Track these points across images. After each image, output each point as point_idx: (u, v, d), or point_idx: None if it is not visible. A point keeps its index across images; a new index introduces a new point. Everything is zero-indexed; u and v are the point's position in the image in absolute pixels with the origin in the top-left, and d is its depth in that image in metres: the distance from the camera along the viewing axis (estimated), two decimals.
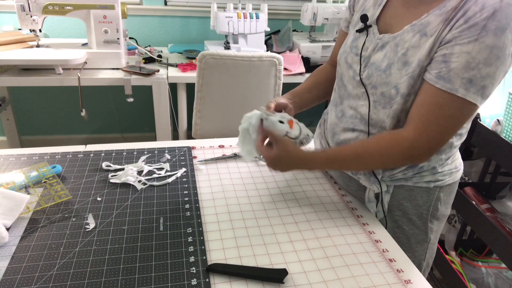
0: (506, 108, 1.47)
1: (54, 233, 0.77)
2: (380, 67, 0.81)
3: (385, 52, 0.81)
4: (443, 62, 0.72)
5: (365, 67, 0.85)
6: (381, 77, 0.81)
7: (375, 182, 0.89)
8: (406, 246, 0.93)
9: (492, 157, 1.56)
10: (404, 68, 0.77)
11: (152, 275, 0.68)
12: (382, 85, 0.81)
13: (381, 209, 0.92)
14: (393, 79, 0.79)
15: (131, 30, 2.47)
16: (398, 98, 0.79)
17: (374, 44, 0.84)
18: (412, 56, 0.76)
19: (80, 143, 1.12)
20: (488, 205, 1.60)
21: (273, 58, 1.75)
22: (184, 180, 0.96)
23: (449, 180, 0.90)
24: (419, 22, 0.77)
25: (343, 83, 0.93)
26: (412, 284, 0.71)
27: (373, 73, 0.83)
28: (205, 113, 1.83)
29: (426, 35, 0.75)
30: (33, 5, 1.74)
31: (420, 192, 0.89)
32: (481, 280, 1.66)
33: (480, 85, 0.70)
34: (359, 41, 0.88)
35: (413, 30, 0.77)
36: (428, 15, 0.76)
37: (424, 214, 0.91)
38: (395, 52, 0.79)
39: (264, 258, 0.75)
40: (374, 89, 0.84)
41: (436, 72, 0.73)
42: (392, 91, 0.80)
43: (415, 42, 0.76)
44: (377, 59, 0.83)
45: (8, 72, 1.84)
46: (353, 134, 0.90)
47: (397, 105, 0.80)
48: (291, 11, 2.67)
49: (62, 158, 1.02)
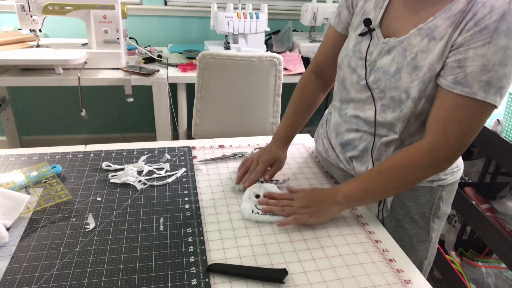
0: (506, 108, 1.46)
1: (54, 233, 0.77)
2: (388, 72, 0.81)
3: (392, 56, 0.81)
4: (459, 67, 0.72)
5: (371, 72, 0.84)
6: (390, 82, 0.80)
7: None
8: (408, 245, 0.93)
9: (492, 157, 1.56)
10: (415, 73, 0.77)
11: (152, 275, 0.68)
12: (392, 90, 0.81)
13: (384, 209, 0.92)
14: (403, 84, 0.78)
15: (131, 30, 2.47)
16: (408, 102, 0.79)
17: (379, 49, 0.83)
18: (422, 60, 0.76)
19: (80, 143, 1.12)
20: (488, 205, 1.60)
21: (273, 58, 1.75)
22: (184, 180, 0.96)
23: (451, 179, 0.90)
24: (426, 26, 0.77)
25: (345, 87, 0.93)
26: (412, 284, 0.71)
27: (381, 78, 0.82)
28: (205, 113, 1.83)
29: (435, 39, 0.75)
30: (33, 5, 1.74)
31: (423, 191, 0.89)
32: (481, 280, 1.66)
33: (498, 86, 0.70)
34: (362, 45, 0.87)
35: (421, 34, 0.77)
36: (435, 19, 0.76)
37: (426, 213, 0.91)
38: (404, 56, 0.79)
39: (264, 258, 0.75)
40: (382, 93, 0.83)
41: (453, 78, 0.72)
42: (402, 95, 0.79)
43: (423, 46, 0.76)
44: (384, 63, 0.82)
45: (8, 72, 1.84)
46: (357, 134, 0.90)
47: (407, 109, 0.80)
48: (291, 11, 2.67)
49: (62, 158, 1.02)
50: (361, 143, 0.90)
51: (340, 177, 1.01)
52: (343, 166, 0.97)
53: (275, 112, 1.88)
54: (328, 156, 1.02)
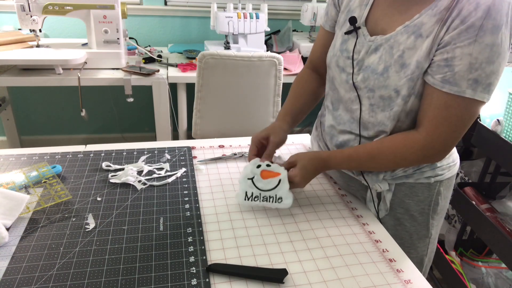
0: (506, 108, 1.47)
1: (54, 233, 0.77)
2: (376, 70, 0.81)
3: (379, 54, 0.81)
4: (446, 66, 0.72)
5: (359, 71, 0.84)
6: (378, 80, 0.81)
7: (378, 181, 0.89)
8: (408, 243, 0.94)
9: (492, 157, 1.56)
10: (402, 70, 0.77)
11: (152, 275, 0.68)
12: (381, 88, 0.81)
13: (383, 208, 0.92)
14: (392, 82, 0.79)
15: (131, 30, 2.47)
16: (398, 100, 0.79)
17: (366, 47, 0.83)
18: (409, 58, 0.76)
19: (80, 143, 1.12)
20: (488, 205, 1.60)
21: (273, 58, 1.75)
22: (184, 180, 0.96)
23: (448, 174, 0.91)
24: (412, 23, 0.77)
25: (335, 87, 0.93)
26: (412, 284, 0.71)
27: (369, 76, 0.82)
28: (205, 113, 1.83)
29: (421, 36, 0.75)
30: (33, 5, 1.74)
31: (422, 188, 0.90)
32: (481, 280, 1.66)
33: (486, 83, 0.71)
34: (349, 43, 0.86)
35: (407, 32, 0.77)
36: (421, 16, 0.76)
37: (426, 209, 0.92)
38: (391, 54, 0.79)
39: (264, 258, 0.75)
40: (371, 93, 0.83)
41: (441, 77, 0.73)
42: (392, 94, 0.80)
43: (410, 43, 0.76)
44: (371, 62, 0.82)
45: (8, 72, 1.84)
46: (351, 135, 0.90)
47: (397, 107, 0.80)
48: (291, 11, 2.67)
49: (62, 158, 1.02)
50: (356, 144, 0.90)
51: (338, 178, 1.01)
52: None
53: (275, 112, 1.88)
54: None
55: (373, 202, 0.93)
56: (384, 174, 0.89)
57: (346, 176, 0.97)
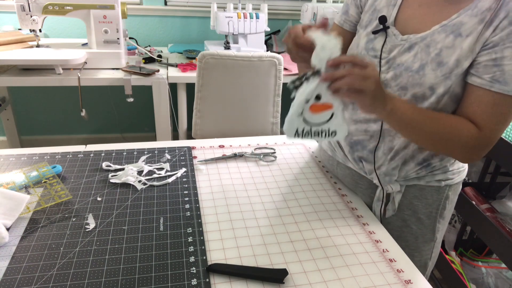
0: None
1: (54, 233, 0.77)
2: (411, 68, 0.80)
3: (414, 53, 0.80)
4: (495, 66, 0.73)
5: (389, 69, 0.84)
6: (413, 78, 0.80)
7: (390, 182, 0.89)
8: (413, 245, 0.94)
9: (492, 157, 1.56)
10: (439, 69, 0.77)
11: (152, 275, 0.68)
12: (415, 86, 0.80)
13: (391, 208, 0.92)
14: (428, 80, 0.78)
15: (131, 30, 2.47)
16: (432, 99, 0.79)
17: (398, 46, 0.83)
18: (447, 56, 0.77)
19: (80, 143, 1.12)
20: (488, 205, 1.60)
21: (273, 58, 1.75)
22: (184, 180, 0.96)
23: (458, 179, 0.92)
24: (450, 23, 0.77)
25: None
26: (412, 284, 0.71)
27: (402, 74, 0.82)
28: (205, 113, 1.83)
29: (461, 36, 0.75)
30: (33, 5, 1.74)
31: (431, 191, 0.90)
32: (481, 280, 1.66)
33: None
34: (376, 42, 0.86)
35: (445, 31, 0.77)
36: (460, 15, 0.76)
37: (433, 213, 0.92)
38: (427, 52, 0.79)
39: (264, 258, 0.75)
40: (403, 91, 0.82)
41: (490, 76, 0.74)
42: (426, 92, 0.79)
43: (449, 42, 0.77)
44: (405, 60, 0.81)
45: (8, 72, 1.84)
46: (367, 135, 0.89)
47: (429, 105, 0.80)
48: (291, 11, 2.67)
49: (62, 158, 1.02)
50: (371, 143, 0.89)
51: (346, 176, 1.00)
52: (351, 165, 0.97)
53: (275, 112, 1.88)
54: (335, 155, 1.01)
55: (382, 202, 0.93)
56: (398, 176, 0.89)
57: (356, 175, 0.97)
